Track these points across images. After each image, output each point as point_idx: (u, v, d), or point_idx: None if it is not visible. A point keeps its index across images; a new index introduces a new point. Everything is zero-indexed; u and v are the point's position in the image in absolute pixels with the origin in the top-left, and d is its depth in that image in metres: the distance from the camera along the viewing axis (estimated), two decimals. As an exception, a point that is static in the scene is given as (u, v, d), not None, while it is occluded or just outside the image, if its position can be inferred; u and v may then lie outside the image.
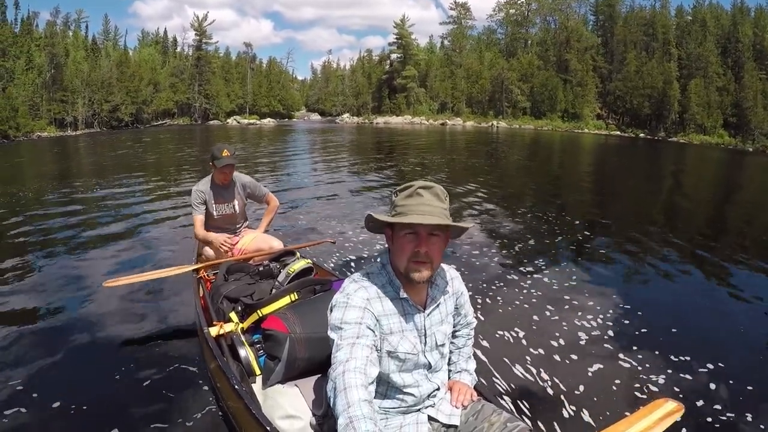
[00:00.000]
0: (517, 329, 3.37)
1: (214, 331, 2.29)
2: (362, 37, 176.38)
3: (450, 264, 1.64)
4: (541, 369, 2.86)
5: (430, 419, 1.52)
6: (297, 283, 2.42)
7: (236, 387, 1.85)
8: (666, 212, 9.29)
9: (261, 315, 2.27)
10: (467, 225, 1.47)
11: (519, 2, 58.13)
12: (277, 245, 3.55)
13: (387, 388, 1.46)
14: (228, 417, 2.18)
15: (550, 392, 2.64)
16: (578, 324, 3.48)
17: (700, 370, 2.90)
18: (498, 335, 3.29)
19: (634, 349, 3.13)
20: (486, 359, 2.93)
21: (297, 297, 2.32)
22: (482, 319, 3.46)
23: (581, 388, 2.67)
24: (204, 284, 3.14)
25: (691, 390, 2.69)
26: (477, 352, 2.90)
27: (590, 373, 2.85)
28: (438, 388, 1.54)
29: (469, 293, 1.71)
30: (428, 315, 1.48)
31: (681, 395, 2.60)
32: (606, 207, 9.41)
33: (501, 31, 60.45)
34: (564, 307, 3.79)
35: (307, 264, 2.71)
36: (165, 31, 62.38)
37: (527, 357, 3.01)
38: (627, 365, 2.95)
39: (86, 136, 33.22)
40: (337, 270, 4.04)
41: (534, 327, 3.44)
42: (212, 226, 3.59)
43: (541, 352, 3.07)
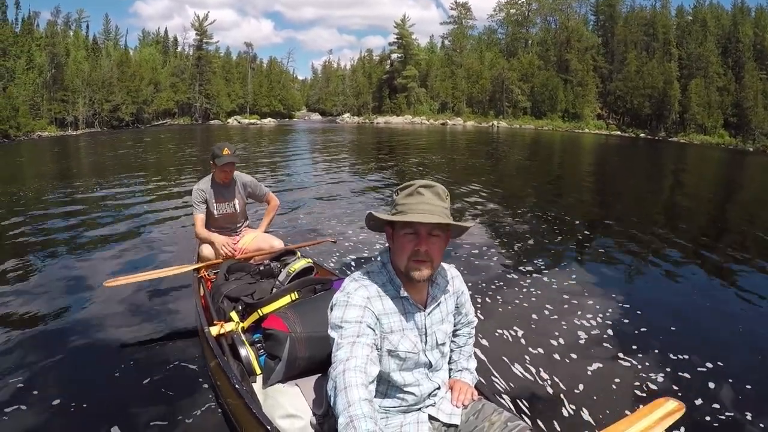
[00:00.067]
0: (518, 328, 3.37)
1: (215, 331, 2.28)
2: (363, 37, 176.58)
3: (450, 263, 1.64)
4: (542, 368, 2.86)
5: (431, 418, 1.52)
6: (297, 283, 2.42)
7: (237, 386, 1.85)
8: (666, 212, 9.28)
9: (261, 314, 2.27)
10: (468, 224, 1.47)
11: (519, 2, 58.16)
12: (278, 245, 3.56)
13: (387, 387, 1.46)
14: (228, 416, 2.18)
15: (551, 391, 2.64)
16: (578, 323, 3.48)
17: (701, 370, 2.90)
18: (498, 334, 3.29)
19: (634, 349, 3.12)
20: (486, 358, 2.93)
21: (297, 296, 2.32)
22: (482, 319, 3.46)
23: (581, 388, 2.67)
24: (204, 284, 3.15)
25: (692, 389, 2.68)
26: (477, 352, 2.89)
27: (590, 373, 2.85)
28: (438, 387, 1.54)
29: (470, 292, 1.71)
30: (429, 314, 1.48)
31: (681, 394, 2.59)
32: (606, 207, 9.41)
33: (501, 31, 60.54)
34: (564, 307, 3.79)
35: (308, 263, 2.71)
36: (166, 31, 62.56)
37: (527, 356, 3.01)
38: (627, 364, 2.95)
39: (87, 136, 33.23)
40: (338, 269, 4.04)
41: (534, 326, 3.44)
42: (213, 226, 3.58)
43: (542, 352, 3.07)
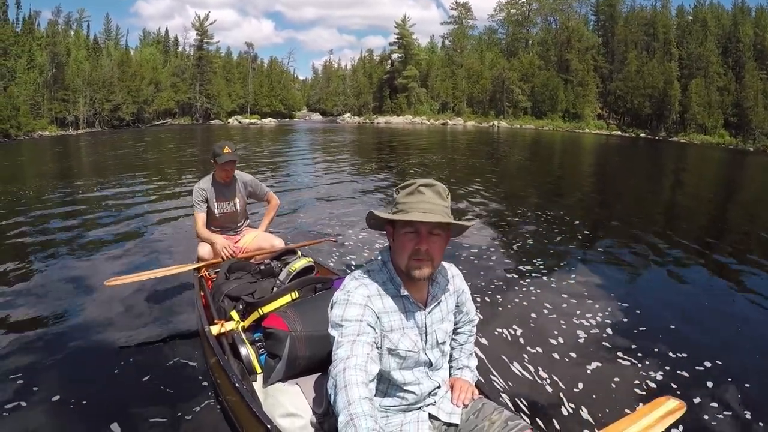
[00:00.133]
0: (517, 327, 3.37)
1: (215, 330, 2.29)
2: (363, 37, 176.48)
3: (450, 262, 1.64)
4: (542, 367, 2.86)
5: (431, 417, 1.52)
6: (298, 282, 2.43)
7: (237, 385, 1.85)
8: (666, 212, 9.28)
9: (262, 313, 2.27)
10: (468, 223, 1.47)
11: (520, 2, 58.09)
12: (279, 244, 3.56)
13: (388, 386, 1.46)
14: (229, 415, 2.18)
15: (551, 390, 2.64)
16: (578, 322, 3.48)
17: (702, 369, 2.90)
18: (498, 333, 3.29)
19: (634, 348, 3.13)
20: (486, 358, 2.93)
21: (298, 295, 2.32)
22: (482, 318, 3.46)
23: (582, 387, 2.67)
24: (205, 283, 3.15)
25: (693, 388, 2.68)
26: (477, 351, 2.89)
27: (590, 372, 2.85)
28: (439, 386, 1.54)
29: (470, 291, 1.71)
30: (429, 313, 1.48)
31: (682, 393, 2.59)
32: (606, 207, 9.40)
33: (502, 31, 60.46)
34: (564, 306, 3.79)
35: (309, 262, 2.71)
36: (166, 31, 62.51)
37: (527, 355, 3.01)
38: (627, 363, 2.95)
39: (87, 136, 33.24)
40: (339, 268, 4.03)
41: (534, 325, 3.44)
42: (214, 225, 3.59)
43: (542, 351, 3.07)
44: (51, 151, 20.84)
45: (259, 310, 2.29)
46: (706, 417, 2.45)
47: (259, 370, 2.07)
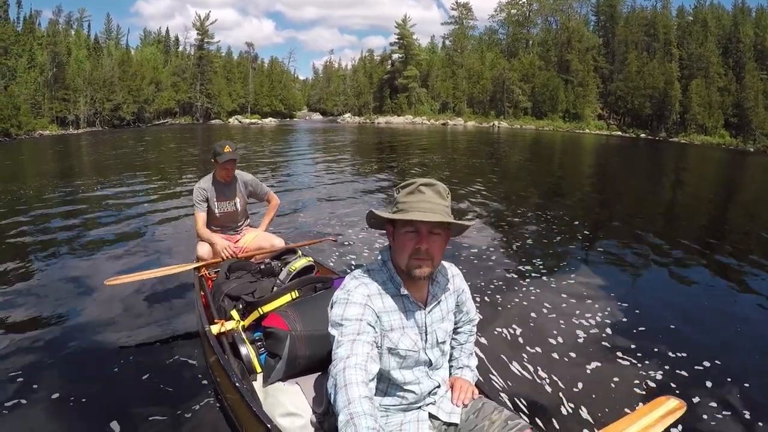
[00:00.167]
0: (517, 327, 3.37)
1: (216, 329, 2.29)
2: (364, 37, 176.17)
3: (450, 262, 1.64)
4: (542, 367, 2.86)
5: (431, 417, 1.52)
6: (298, 281, 2.43)
7: (237, 384, 1.85)
8: (666, 212, 9.28)
9: (262, 313, 2.27)
10: (468, 223, 1.47)
11: (520, 3, 58.11)
12: (279, 243, 3.56)
13: (387, 386, 1.46)
14: (229, 414, 2.18)
15: (551, 390, 2.64)
16: (578, 322, 3.48)
17: (702, 369, 2.90)
18: (497, 333, 3.29)
19: (634, 347, 3.13)
20: (486, 357, 2.93)
21: (298, 295, 2.32)
22: (482, 317, 3.45)
23: (581, 386, 2.67)
24: (205, 282, 3.15)
25: (692, 388, 2.68)
26: (477, 351, 2.89)
27: (590, 371, 2.85)
28: (439, 386, 1.54)
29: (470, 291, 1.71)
30: (429, 312, 1.48)
31: (681, 393, 2.59)
32: (607, 207, 9.40)
33: (502, 32, 60.47)
34: (564, 306, 3.79)
35: (309, 262, 2.71)
36: (167, 31, 62.50)
37: (527, 355, 3.01)
38: (627, 363, 2.95)
39: (88, 135, 33.24)
40: (339, 268, 4.04)
41: (533, 325, 3.44)
42: (214, 224, 3.59)
43: (542, 350, 3.07)
44: (51, 151, 20.84)
45: (259, 310, 2.29)
46: (706, 417, 2.45)
47: (259, 370, 2.07)
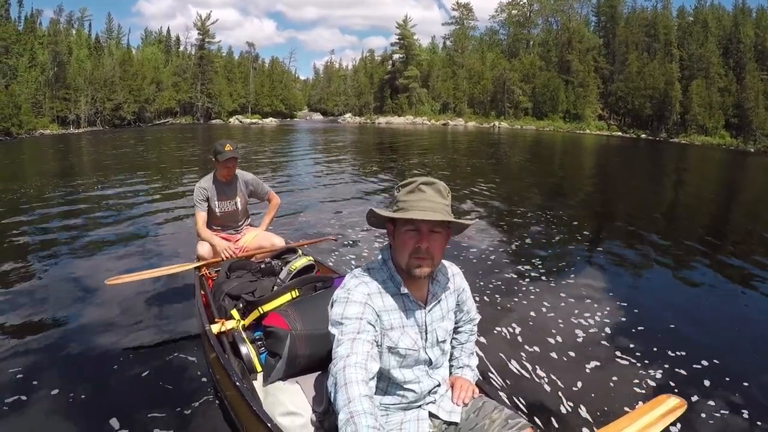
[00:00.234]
0: (517, 326, 3.37)
1: (216, 329, 2.29)
2: (364, 37, 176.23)
3: (451, 261, 1.64)
4: (542, 366, 2.86)
5: (431, 416, 1.52)
6: (298, 280, 2.43)
7: (237, 384, 1.85)
8: (667, 212, 9.27)
9: (262, 312, 2.27)
10: (469, 221, 1.47)
11: (521, 3, 58.12)
12: (279, 243, 3.56)
13: (388, 384, 1.46)
14: (229, 413, 2.18)
15: (551, 389, 2.64)
16: (578, 321, 3.48)
17: (703, 367, 2.90)
18: (497, 332, 3.29)
19: (634, 346, 3.13)
20: (486, 357, 2.93)
21: (298, 294, 2.32)
22: (482, 317, 3.44)
23: (582, 385, 2.67)
24: (206, 282, 3.15)
25: (692, 387, 2.69)
26: (477, 350, 2.89)
27: (590, 370, 2.85)
28: (439, 385, 1.54)
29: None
30: (429, 311, 1.48)
31: (681, 392, 2.58)
32: (607, 207, 9.40)
33: (503, 32, 60.49)
34: (563, 305, 3.79)
35: (309, 261, 2.71)
36: (168, 30, 62.58)
37: (527, 354, 3.01)
38: (626, 362, 2.95)
39: (88, 134, 33.25)
40: (339, 267, 4.04)
41: (534, 324, 3.44)
42: (215, 224, 3.59)
43: (542, 350, 3.07)
44: (52, 150, 20.84)
45: (260, 309, 2.29)
46: (707, 416, 2.45)
47: (260, 369, 2.08)
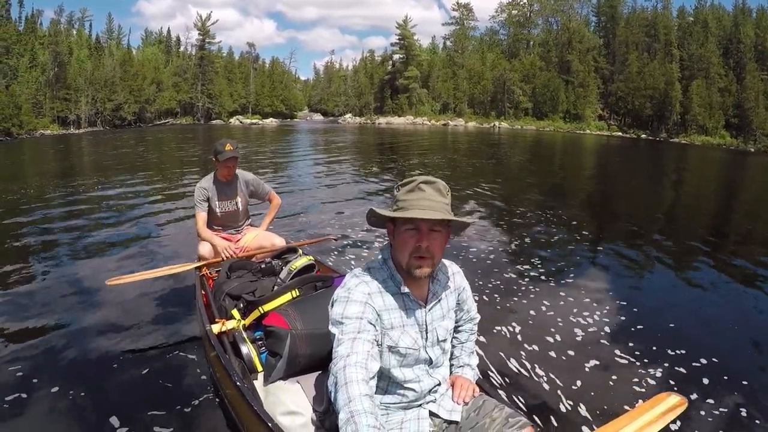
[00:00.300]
0: (517, 326, 3.37)
1: (216, 328, 2.29)
2: (364, 38, 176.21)
3: (451, 260, 1.64)
4: (542, 365, 2.86)
5: (432, 414, 1.52)
6: (298, 280, 2.43)
7: (238, 383, 1.85)
8: (667, 212, 9.27)
9: (263, 312, 2.27)
10: (469, 220, 1.47)
11: (521, 3, 58.12)
12: (279, 242, 3.57)
13: (388, 384, 1.47)
14: (230, 413, 2.19)
15: (551, 388, 2.64)
16: (577, 320, 3.48)
17: (702, 367, 2.90)
18: (497, 331, 3.29)
19: (634, 345, 3.13)
20: (486, 355, 2.93)
21: (298, 293, 2.32)
22: (482, 316, 3.44)
23: (582, 384, 2.68)
24: (206, 282, 3.15)
25: (693, 385, 2.69)
26: (477, 349, 2.89)
27: (590, 369, 2.86)
28: (439, 384, 1.54)
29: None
30: (429, 310, 1.48)
31: (681, 391, 2.58)
32: (607, 207, 9.40)
33: (503, 32, 60.51)
34: (563, 304, 3.79)
35: (309, 261, 2.71)
36: (168, 31, 62.68)
37: (527, 353, 3.01)
38: (626, 361, 2.95)
39: (89, 135, 33.27)
40: (339, 267, 4.04)
41: (533, 323, 3.45)
42: (215, 224, 3.59)
43: (542, 349, 3.07)
44: (53, 150, 20.85)
45: (260, 309, 2.29)
46: (706, 414, 2.45)
47: (260, 369, 2.08)
